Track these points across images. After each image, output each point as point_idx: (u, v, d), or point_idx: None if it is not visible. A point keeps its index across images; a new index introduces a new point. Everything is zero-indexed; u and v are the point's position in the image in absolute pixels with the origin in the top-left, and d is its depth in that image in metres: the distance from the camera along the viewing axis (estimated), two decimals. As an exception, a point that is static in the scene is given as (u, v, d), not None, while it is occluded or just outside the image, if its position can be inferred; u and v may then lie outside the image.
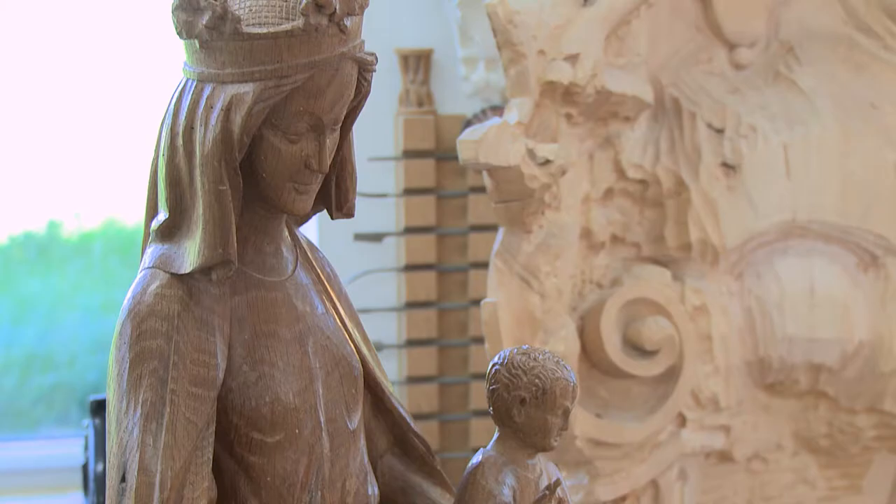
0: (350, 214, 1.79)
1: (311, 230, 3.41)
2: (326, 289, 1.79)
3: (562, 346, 2.32)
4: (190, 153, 1.60)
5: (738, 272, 2.58)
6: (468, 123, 3.24)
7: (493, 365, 1.77)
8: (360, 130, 3.26)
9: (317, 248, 1.84)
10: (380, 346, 3.26)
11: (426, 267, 3.35)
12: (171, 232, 1.65)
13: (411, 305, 3.34)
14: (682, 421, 2.52)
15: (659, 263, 2.53)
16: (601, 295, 2.46)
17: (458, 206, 3.37)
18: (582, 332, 2.43)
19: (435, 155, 3.36)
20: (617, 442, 2.41)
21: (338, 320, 1.77)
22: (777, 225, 2.57)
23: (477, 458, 1.76)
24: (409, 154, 3.35)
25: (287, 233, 1.75)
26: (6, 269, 4.21)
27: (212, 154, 1.58)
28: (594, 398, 2.43)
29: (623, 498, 2.48)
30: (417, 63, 3.40)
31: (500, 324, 2.29)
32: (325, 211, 1.78)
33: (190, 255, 1.61)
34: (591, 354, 2.43)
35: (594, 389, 2.44)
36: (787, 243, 2.61)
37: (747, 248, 2.57)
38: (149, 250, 1.67)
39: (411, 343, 3.34)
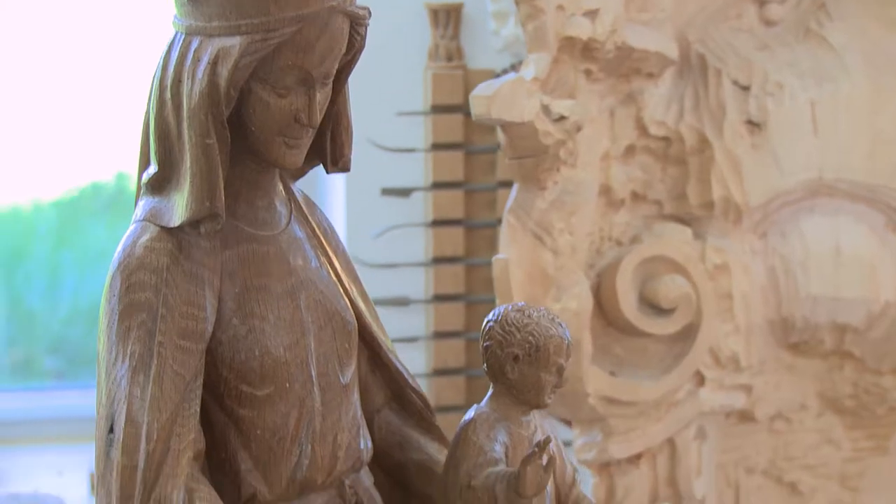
0: (346, 169, 1.78)
1: (339, 185, 3.41)
2: (322, 243, 1.78)
3: (574, 303, 2.30)
4: (178, 106, 1.60)
5: (763, 231, 2.55)
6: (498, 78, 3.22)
7: (488, 321, 1.76)
8: (389, 85, 3.28)
9: (315, 205, 1.84)
10: (407, 301, 3.26)
11: (454, 222, 3.34)
12: (160, 185, 1.65)
13: (438, 261, 3.33)
14: (700, 380, 2.50)
15: (681, 221, 2.50)
16: (619, 252, 2.44)
17: (486, 161, 3.36)
18: (598, 290, 2.41)
19: (463, 110, 3.34)
20: (631, 400, 2.39)
21: (333, 275, 1.77)
22: (803, 183, 2.54)
23: (470, 415, 1.75)
24: (438, 109, 3.34)
25: (281, 187, 1.75)
26: (74, 220, 4.25)
27: (198, 107, 1.58)
28: (609, 356, 2.42)
29: (638, 456, 2.47)
30: (447, 17, 3.37)
31: (512, 280, 2.28)
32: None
33: (178, 208, 1.61)
34: (607, 312, 2.41)
35: (609, 347, 2.42)
36: (813, 202, 2.58)
37: (772, 207, 2.54)
38: (140, 203, 1.68)
39: (438, 298, 3.33)
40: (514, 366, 1.73)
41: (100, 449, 1.61)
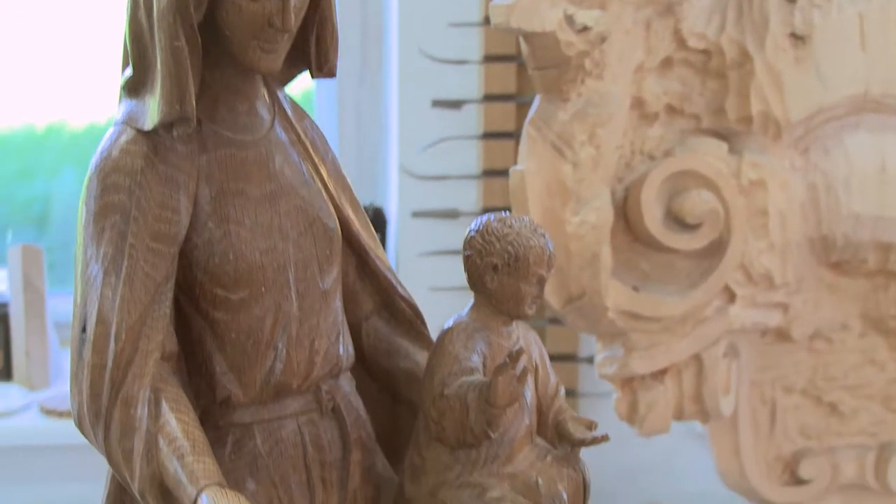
0: (331, 74, 1.77)
1: (393, 97, 3.40)
2: (307, 150, 1.78)
3: (594, 216, 2.27)
4: (149, 9, 1.61)
5: (804, 147, 2.49)
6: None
7: (469, 231, 1.75)
8: (443, -4, 3.24)
9: (304, 113, 1.83)
10: (456, 214, 3.25)
11: (505, 135, 3.30)
12: (136, 88, 1.66)
13: (488, 173, 3.31)
14: (730, 297, 2.46)
15: (718, 136, 2.45)
16: (650, 166, 2.40)
17: (539, 73, 3.31)
18: (625, 204, 2.38)
19: (518, 21, 3.29)
20: (654, 315, 2.36)
21: (318, 182, 1.77)
22: (848, 99, 2.48)
23: (449, 323, 1.74)
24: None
25: (265, 92, 1.75)
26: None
27: (167, 9, 1.58)
28: (634, 271, 2.39)
29: (663, 371, 2.45)
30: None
31: (529, 192, 2.25)
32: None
33: (151, 111, 1.62)
34: (633, 227, 2.38)
35: (634, 262, 2.39)
36: (858, 118, 2.51)
37: (815, 122, 2.48)
38: (121, 106, 1.69)
39: (488, 211, 3.31)
40: (494, 275, 1.72)
41: (73, 348, 1.64)
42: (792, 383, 2.64)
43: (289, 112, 1.78)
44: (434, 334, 1.77)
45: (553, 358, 3.39)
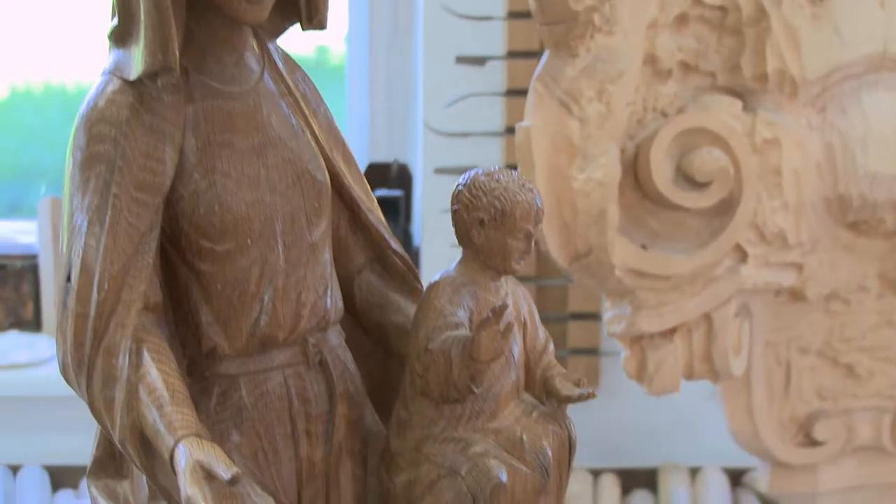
0: (321, 27, 1.77)
1: (418, 54, 3.39)
2: (298, 102, 1.77)
3: (600, 173, 2.26)
4: None
5: (821, 105, 2.46)
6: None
7: (458, 185, 1.74)
8: (470, -49, 3.22)
9: (297, 66, 1.82)
10: (479, 171, 3.23)
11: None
12: (122, 37, 1.66)
13: (512, 130, 3.28)
14: (742, 256, 2.44)
15: (733, 94, 2.42)
16: (661, 124, 2.38)
17: (562, 30, 3.28)
18: (636, 161, 2.36)
19: (543, -23, 3.26)
20: (662, 273, 2.35)
21: (308, 134, 1.76)
22: (866, 57, 2.44)
23: (435, 278, 1.74)
24: (515, -26, 3.28)
25: (254, 43, 1.74)
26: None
27: None
28: (642, 228, 2.37)
29: (672, 330, 2.43)
30: None
31: (534, 148, 2.24)
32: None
33: (135, 61, 1.62)
34: (643, 184, 2.36)
35: (643, 220, 2.37)
36: (877, 76, 2.48)
37: (831, 81, 2.44)
38: (109, 55, 1.69)
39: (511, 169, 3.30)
40: (481, 230, 1.71)
41: (59, 297, 1.65)
42: (807, 344, 2.61)
43: (280, 64, 1.78)
44: None
45: (575, 317, 3.39)
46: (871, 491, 2.68)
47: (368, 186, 1.88)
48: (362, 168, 2.15)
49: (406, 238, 3.55)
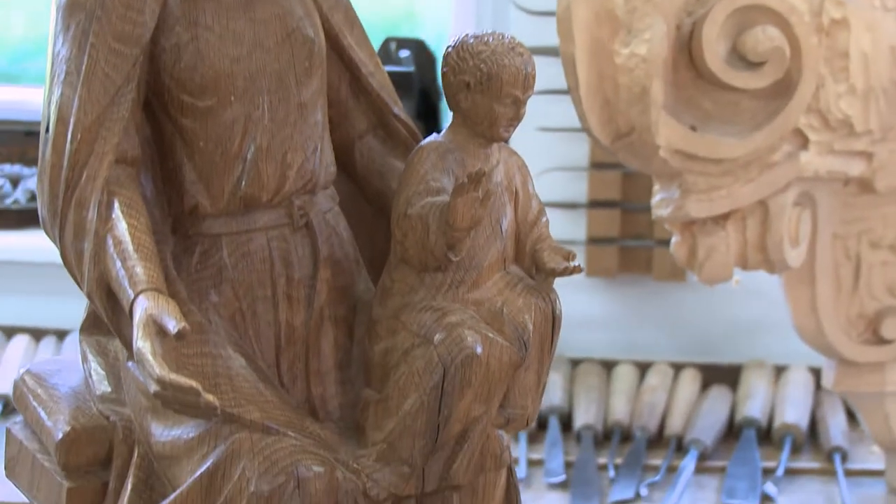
0: None
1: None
2: None
3: (644, 48, 2.17)
4: None
5: (898, -14, 2.34)
6: None
7: (447, 47, 1.68)
8: None
9: None
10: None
11: None
12: None
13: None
14: (803, 142, 2.33)
15: (804, -28, 2.31)
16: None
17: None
18: (691, 38, 2.26)
19: None
20: (709, 156, 2.25)
21: None
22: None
23: (422, 143, 1.69)
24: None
25: None
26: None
27: None
28: (694, 109, 2.28)
29: (725, 216, 2.34)
30: None
31: (574, 20, 2.16)
32: None
33: None
34: (697, 63, 2.27)
35: (696, 100, 2.28)
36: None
37: (909, -41, 2.32)
38: None
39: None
40: (467, 94, 1.65)
41: (40, 150, 1.65)
42: (879, 238, 2.51)
43: None
44: None
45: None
46: (940, 391, 2.57)
47: (374, 49, 1.83)
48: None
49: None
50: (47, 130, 1.63)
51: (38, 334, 3.42)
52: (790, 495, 2.78)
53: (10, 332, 3.45)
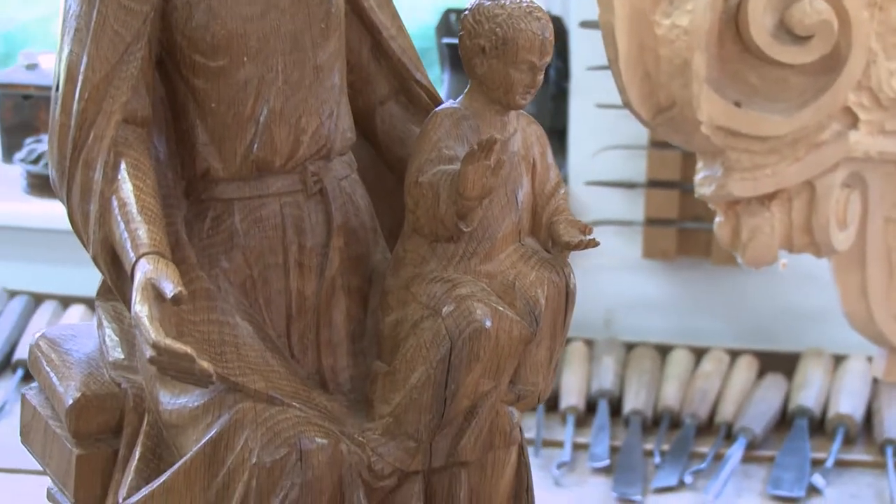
0: None
1: None
2: None
3: (686, 19, 2.10)
4: None
5: (960, -41, 2.24)
6: None
7: (464, 10, 1.64)
8: None
9: None
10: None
11: None
12: None
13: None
14: (853, 121, 2.25)
15: (861, -56, 2.23)
16: (768, -29, 2.20)
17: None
18: (738, 11, 2.19)
19: None
20: (753, 133, 2.18)
21: None
22: None
23: (436, 109, 1.64)
24: None
25: None
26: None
27: None
28: (740, 84, 2.20)
29: (770, 196, 2.27)
30: None
31: (614, -11, 2.10)
32: None
33: None
34: (743, 36, 2.19)
35: (742, 74, 2.20)
36: None
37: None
38: None
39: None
40: (483, 59, 1.60)
41: (51, 108, 1.63)
42: (934, 223, 2.42)
43: None
44: None
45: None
46: None
47: (396, 12, 1.78)
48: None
49: (560, 94, 3.41)
50: (57, 89, 1.60)
51: (66, 301, 3.43)
52: (839, 488, 2.72)
53: (39, 298, 3.45)
